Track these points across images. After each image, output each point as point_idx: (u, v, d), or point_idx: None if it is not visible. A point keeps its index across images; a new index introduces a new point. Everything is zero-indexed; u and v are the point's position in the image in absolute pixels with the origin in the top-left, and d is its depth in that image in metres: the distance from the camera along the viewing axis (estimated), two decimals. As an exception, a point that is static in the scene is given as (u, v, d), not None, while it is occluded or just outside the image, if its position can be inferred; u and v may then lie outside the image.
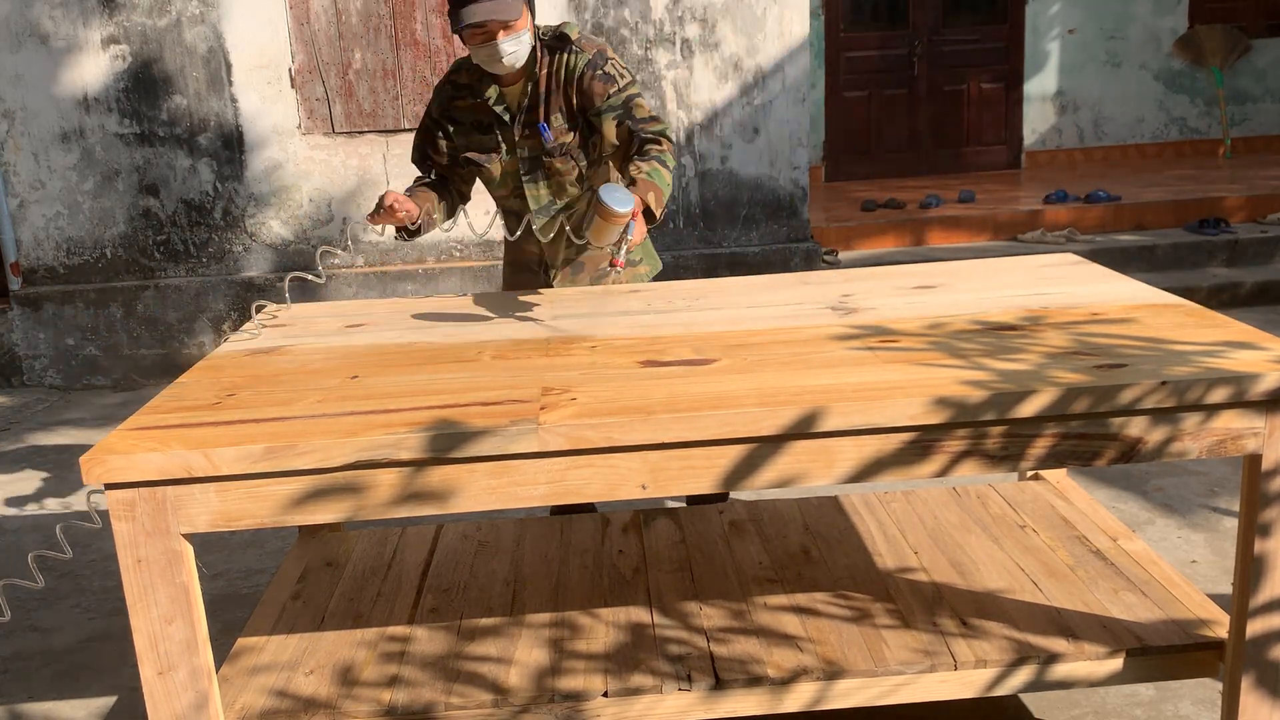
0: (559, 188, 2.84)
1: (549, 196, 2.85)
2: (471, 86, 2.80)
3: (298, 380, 2.16)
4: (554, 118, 2.76)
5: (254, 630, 2.40)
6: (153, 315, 5.81)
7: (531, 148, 2.79)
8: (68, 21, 5.55)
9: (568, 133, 2.77)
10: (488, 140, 2.82)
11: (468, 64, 2.81)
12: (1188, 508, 3.58)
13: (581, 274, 2.96)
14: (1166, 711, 2.51)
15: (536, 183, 2.83)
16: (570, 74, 2.74)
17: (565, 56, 2.74)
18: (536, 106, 2.76)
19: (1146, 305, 2.35)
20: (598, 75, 2.72)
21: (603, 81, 2.72)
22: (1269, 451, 1.91)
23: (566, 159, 2.79)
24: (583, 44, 2.76)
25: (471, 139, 2.84)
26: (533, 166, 2.81)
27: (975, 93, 8.25)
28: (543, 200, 2.85)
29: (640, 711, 2.08)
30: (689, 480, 1.87)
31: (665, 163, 2.64)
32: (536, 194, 2.84)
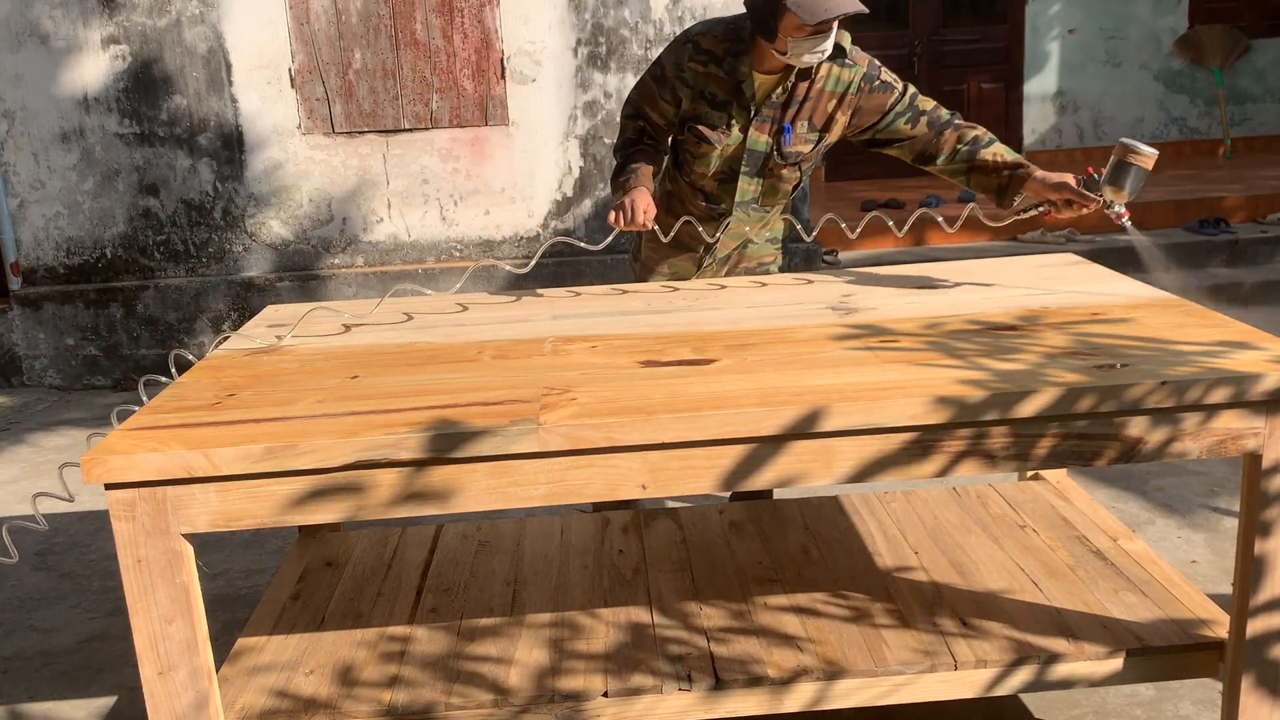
0: (771, 191, 2.80)
1: (757, 194, 2.80)
2: (717, 57, 2.66)
3: (298, 380, 2.16)
4: (800, 124, 2.69)
5: (254, 630, 2.40)
6: (153, 315, 5.81)
7: (764, 143, 2.71)
8: (68, 21, 5.55)
9: (806, 143, 2.71)
10: (716, 116, 2.69)
11: (718, 31, 2.68)
12: (1188, 508, 3.58)
13: (724, 268, 2.97)
14: (1166, 711, 2.51)
15: (753, 178, 2.76)
16: (840, 86, 2.66)
17: (835, 69, 2.64)
18: (789, 106, 2.67)
19: (1147, 305, 2.35)
20: (876, 87, 2.66)
21: (883, 92, 2.66)
22: (1269, 451, 1.90)
23: (794, 168, 2.75)
24: (855, 56, 2.65)
25: (700, 108, 2.71)
26: (757, 162, 2.74)
27: (975, 93, 8.25)
28: (748, 195, 2.80)
29: (640, 711, 2.08)
30: (689, 480, 1.87)
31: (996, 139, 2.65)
32: (748, 188, 2.78)
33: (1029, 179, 2.56)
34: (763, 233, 2.94)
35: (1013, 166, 2.59)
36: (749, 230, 2.89)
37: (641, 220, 2.63)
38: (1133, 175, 2.42)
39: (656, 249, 2.98)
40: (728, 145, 2.72)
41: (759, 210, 2.85)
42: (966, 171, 2.66)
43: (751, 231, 2.90)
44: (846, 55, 2.63)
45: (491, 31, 5.64)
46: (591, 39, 5.72)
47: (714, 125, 2.70)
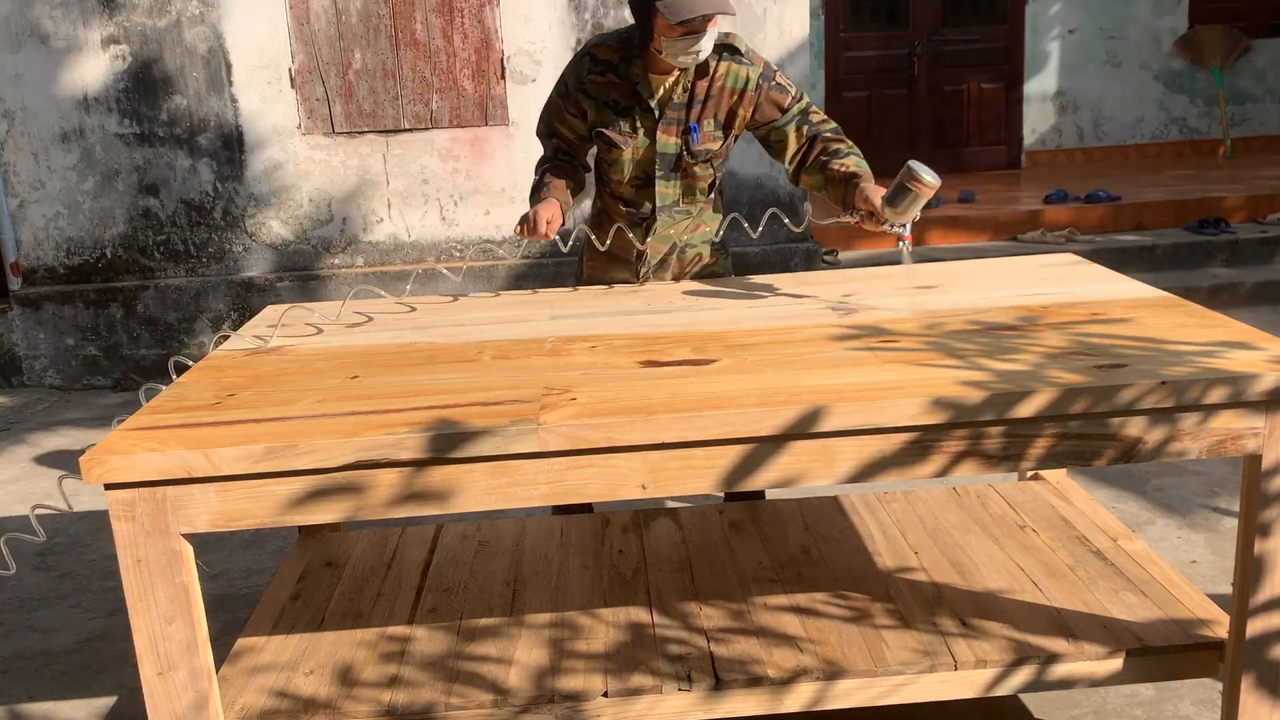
0: (688, 190, 2.83)
1: (676, 196, 2.83)
2: (614, 65, 2.72)
3: (298, 380, 2.16)
4: (706, 122, 2.73)
5: (254, 630, 2.40)
6: (153, 315, 5.81)
7: (674, 145, 2.75)
8: (68, 21, 5.55)
9: (714, 140, 2.75)
10: (623, 123, 2.75)
11: (611, 41, 2.74)
12: (1188, 508, 3.58)
13: (667, 272, 2.97)
14: (1166, 711, 2.51)
15: (669, 181, 2.80)
16: (741, 87, 2.70)
17: (733, 66, 2.70)
18: (692, 106, 2.72)
19: (1146, 305, 2.35)
20: (773, 87, 2.72)
21: (779, 92, 2.72)
22: (1269, 451, 1.91)
23: (706, 166, 2.79)
24: (751, 56, 2.72)
25: (605, 117, 2.76)
26: (673, 165, 2.78)
27: (975, 93, 8.25)
28: (668, 199, 2.83)
29: (640, 712, 2.08)
30: (689, 480, 1.87)
31: (857, 154, 2.70)
32: (666, 192, 2.82)
33: (857, 189, 2.61)
34: (695, 235, 2.94)
35: (851, 177, 2.65)
36: (674, 233, 2.89)
37: (543, 230, 2.67)
38: (908, 199, 2.43)
39: (594, 265, 3.02)
40: (636, 149, 2.78)
41: (682, 211, 2.87)
42: (824, 184, 2.74)
43: (679, 234, 2.90)
44: (743, 54, 2.71)
45: (491, 31, 5.64)
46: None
47: (621, 131, 2.76)
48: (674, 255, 2.94)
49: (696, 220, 2.91)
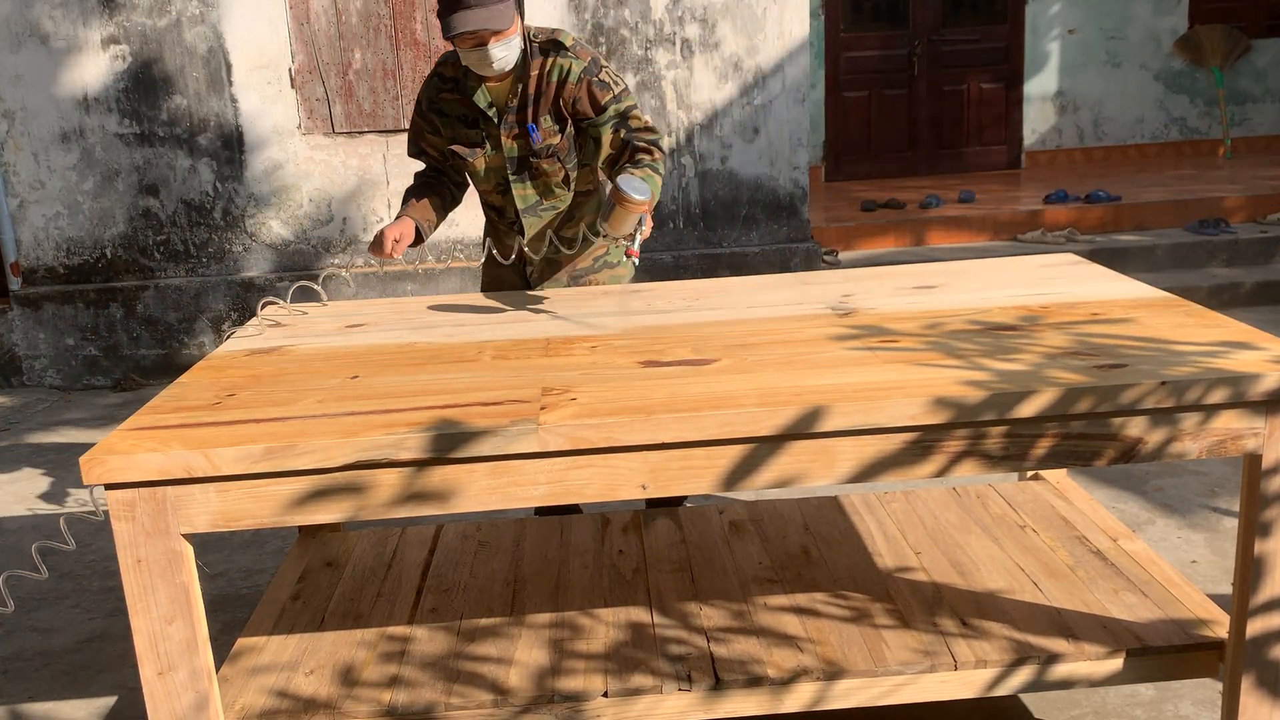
0: (545, 188, 2.89)
1: (536, 196, 2.89)
2: (458, 81, 2.83)
3: (298, 380, 2.16)
4: (543, 119, 2.79)
5: (254, 630, 2.40)
6: (153, 315, 5.81)
7: (519, 147, 2.83)
8: (68, 21, 5.55)
9: (555, 135, 2.81)
10: (474, 134, 2.85)
11: (454, 58, 2.84)
12: (1188, 508, 3.58)
13: (559, 272, 3.00)
14: (1166, 711, 2.51)
15: (524, 182, 2.87)
16: (564, 78, 2.76)
17: (559, 60, 2.76)
18: (526, 107, 2.79)
19: (1146, 305, 2.35)
20: (594, 83, 2.76)
21: (600, 89, 2.76)
22: (1269, 451, 1.91)
23: (553, 160, 2.84)
24: (577, 51, 2.78)
25: (458, 132, 2.87)
26: (520, 166, 2.86)
27: (975, 93, 8.25)
28: (530, 200, 2.89)
29: (640, 712, 2.08)
30: (689, 480, 1.87)
31: (657, 170, 2.69)
32: (524, 193, 2.89)
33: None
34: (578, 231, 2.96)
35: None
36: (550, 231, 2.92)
37: (388, 249, 2.72)
38: (613, 213, 2.48)
39: (485, 268, 3.12)
40: (487, 157, 2.86)
41: (547, 208, 2.91)
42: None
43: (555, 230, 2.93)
44: (568, 49, 2.77)
45: (491, 31, 5.63)
46: (591, 39, 5.71)
47: (472, 143, 2.85)
48: (560, 253, 2.97)
49: (572, 215, 2.95)
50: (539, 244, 2.93)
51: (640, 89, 5.75)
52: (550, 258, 2.98)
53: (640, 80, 5.75)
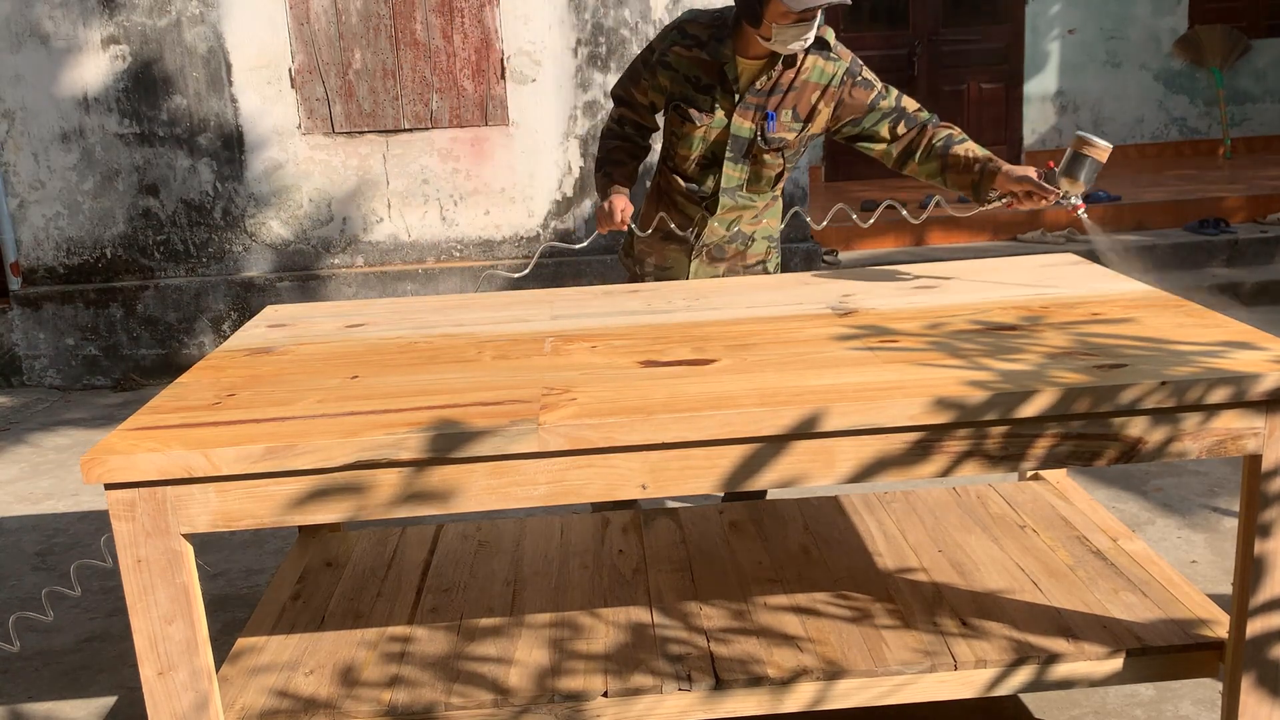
0: (756, 178, 2.85)
1: (741, 181, 2.84)
2: (703, 41, 2.74)
3: (298, 380, 2.16)
4: (784, 112, 2.75)
5: (254, 630, 2.40)
6: (153, 315, 5.81)
7: (749, 130, 2.77)
8: (68, 21, 5.55)
9: (790, 130, 2.77)
10: (702, 100, 2.76)
11: (703, 17, 2.77)
12: (1188, 508, 3.58)
13: (720, 263, 2.97)
14: (1166, 711, 2.51)
15: (738, 164, 2.81)
16: (824, 78, 2.72)
17: (820, 61, 2.72)
18: (773, 94, 2.73)
19: (1147, 305, 2.35)
20: (858, 82, 2.73)
21: (864, 88, 2.74)
22: (1269, 451, 1.90)
23: (777, 155, 2.80)
24: (841, 50, 2.74)
25: (684, 90, 2.78)
26: (743, 149, 2.79)
27: (975, 93, 8.25)
28: (734, 182, 2.84)
29: (641, 712, 2.08)
30: (689, 480, 1.87)
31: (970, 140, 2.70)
32: (733, 174, 2.83)
33: (998, 173, 2.61)
34: (759, 229, 2.95)
35: (983, 161, 2.65)
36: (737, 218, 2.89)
37: (620, 219, 2.74)
38: (1086, 166, 2.47)
39: (648, 241, 3.01)
40: (711, 128, 2.78)
41: (745, 198, 2.88)
42: (941, 171, 2.73)
43: (743, 222, 2.91)
44: (830, 49, 2.71)
45: (491, 31, 5.64)
46: (591, 39, 5.71)
47: (699, 107, 2.76)
48: (733, 245, 2.94)
49: (760, 214, 2.93)
50: (720, 228, 2.90)
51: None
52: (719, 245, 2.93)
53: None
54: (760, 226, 2.95)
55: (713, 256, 2.96)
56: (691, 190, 2.87)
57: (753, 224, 2.93)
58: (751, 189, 2.86)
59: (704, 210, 2.86)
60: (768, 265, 3.03)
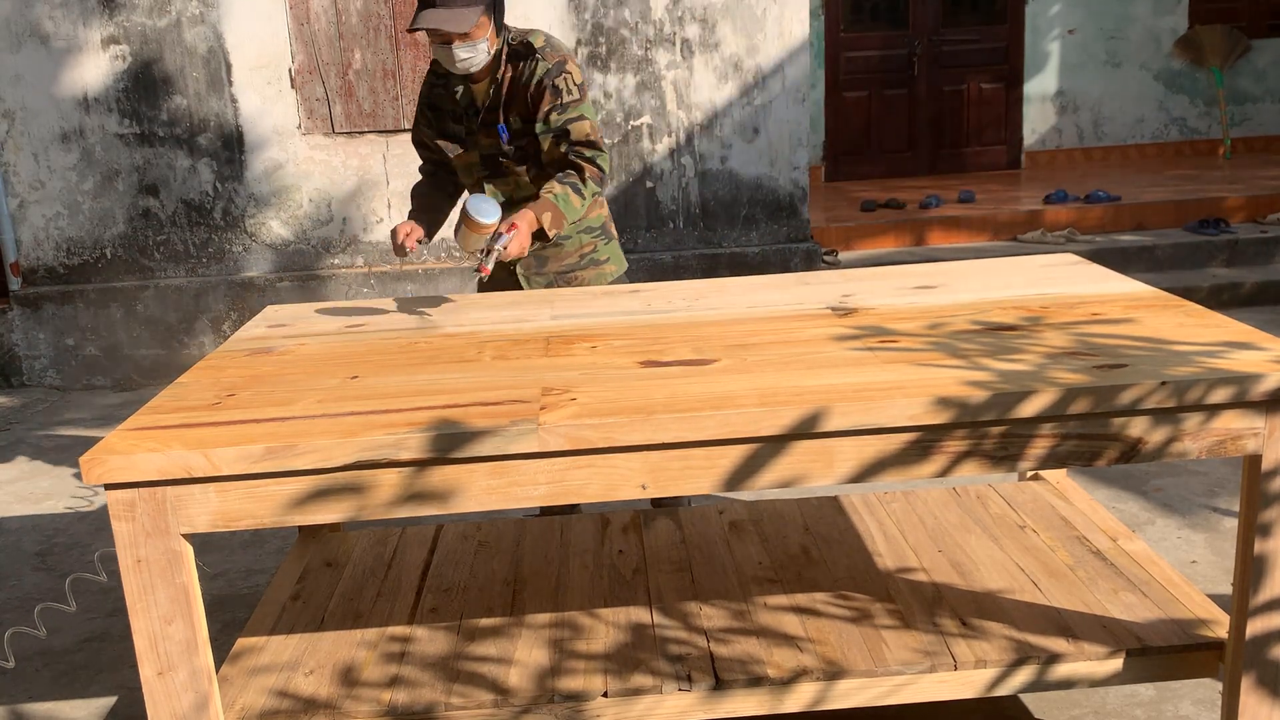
0: (515, 186, 2.94)
1: (509, 194, 2.94)
2: (447, 77, 2.90)
3: (298, 380, 2.16)
4: (513, 120, 2.84)
5: (254, 630, 2.40)
6: (153, 315, 5.81)
7: (490, 146, 2.89)
8: (68, 22, 5.55)
9: (524, 136, 2.85)
10: (457, 130, 2.93)
11: None
12: (1188, 508, 3.58)
13: (546, 267, 3.02)
14: (1166, 711, 2.51)
15: (496, 178, 2.93)
16: (530, 78, 2.81)
17: (529, 63, 2.81)
18: (497, 108, 2.84)
19: (1147, 305, 2.35)
20: (547, 86, 2.80)
21: (551, 93, 2.79)
22: (1269, 451, 1.91)
23: (520, 160, 2.88)
24: (546, 53, 2.82)
25: (446, 126, 2.95)
26: (491, 164, 2.92)
27: (975, 93, 8.25)
28: (502, 197, 2.94)
29: (641, 712, 2.08)
30: (689, 480, 1.87)
31: (578, 189, 2.76)
32: (498, 190, 2.94)
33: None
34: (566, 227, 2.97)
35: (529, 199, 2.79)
36: None
37: (400, 241, 2.81)
38: (461, 230, 2.58)
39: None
40: (469, 153, 2.93)
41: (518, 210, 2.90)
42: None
43: None
44: (537, 52, 2.81)
45: (491, 31, 5.63)
46: (591, 39, 5.71)
47: (456, 138, 2.94)
48: (549, 250, 2.99)
49: None
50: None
51: (640, 89, 5.76)
52: (535, 253, 2.99)
53: (640, 80, 5.75)
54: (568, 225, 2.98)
55: (534, 270, 3.02)
56: None
57: None
58: (525, 196, 2.92)
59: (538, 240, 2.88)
60: (597, 256, 3.05)
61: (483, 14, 2.67)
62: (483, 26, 2.70)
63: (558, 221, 2.71)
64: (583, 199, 2.76)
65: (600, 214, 3.07)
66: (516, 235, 2.62)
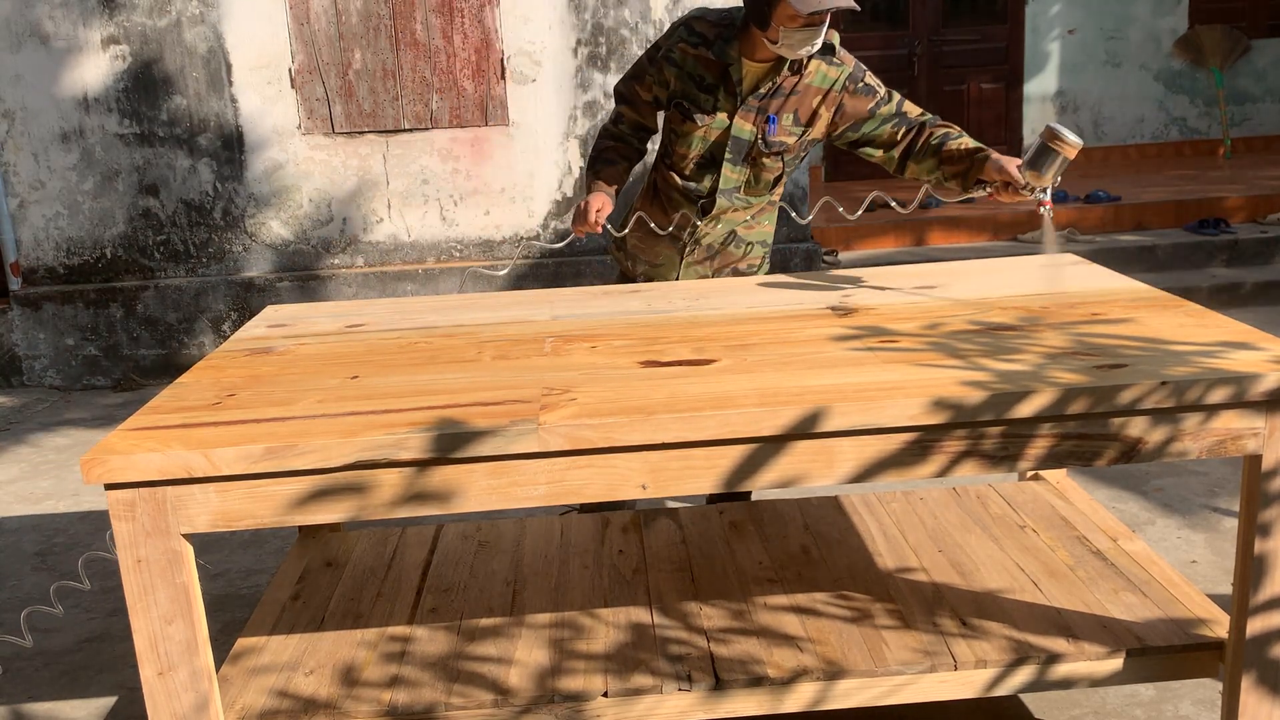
0: (754, 180, 2.84)
1: (739, 183, 2.84)
2: (709, 40, 2.73)
3: (298, 380, 2.16)
4: (786, 116, 2.74)
5: (254, 630, 2.40)
6: (153, 315, 5.81)
7: (749, 131, 2.76)
8: (68, 22, 5.55)
9: (790, 135, 2.76)
10: (704, 99, 2.75)
11: (711, 16, 2.76)
12: (1188, 508, 3.58)
13: (711, 264, 2.96)
14: (1166, 711, 2.51)
15: (737, 166, 2.80)
16: (826, 83, 2.72)
17: (824, 66, 2.72)
18: (775, 97, 2.73)
19: (1146, 305, 2.35)
20: (860, 89, 2.73)
21: (865, 94, 2.73)
22: (1269, 451, 1.91)
23: (776, 159, 2.80)
24: (843, 56, 2.74)
25: (688, 88, 2.77)
26: (743, 151, 2.79)
27: (975, 93, 8.25)
28: (732, 184, 2.83)
29: (641, 712, 2.08)
30: (689, 480, 1.87)
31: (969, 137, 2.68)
32: (731, 176, 2.82)
33: (986, 161, 2.60)
34: (753, 233, 2.95)
35: (974, 152, 2.64)
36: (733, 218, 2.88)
37: (593, 219, 2.73)
38: (1050, 160, 2.42)
39: (641, 237, 3.00)
40: (711, 128, 2.77)
41: (741, 200, 2.87)
42: (938, 166, 2.70)
43: (736, 222, 2.90)
44: (835, 53, 2.71)
45: (491, 31, 5.64)
46: (591, 39, 5.71)
47: (702, 107, 2.76)
48: (728, 246, 2.94)
49: (755, 218, 2.93)
50: (714, 228, 2.89)
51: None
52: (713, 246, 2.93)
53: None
54: (756, 230, 2.95)
55: (706, 257, 2.96)
56: (689, 189, 2.85)
57: (748, 227, 2.93)
58: (749, 192, 2.86)
59: (699, 210, 2.85)
60: (760, 271, 3.03)
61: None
62: None
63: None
64: None
65: (773, 230, 3.01)
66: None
